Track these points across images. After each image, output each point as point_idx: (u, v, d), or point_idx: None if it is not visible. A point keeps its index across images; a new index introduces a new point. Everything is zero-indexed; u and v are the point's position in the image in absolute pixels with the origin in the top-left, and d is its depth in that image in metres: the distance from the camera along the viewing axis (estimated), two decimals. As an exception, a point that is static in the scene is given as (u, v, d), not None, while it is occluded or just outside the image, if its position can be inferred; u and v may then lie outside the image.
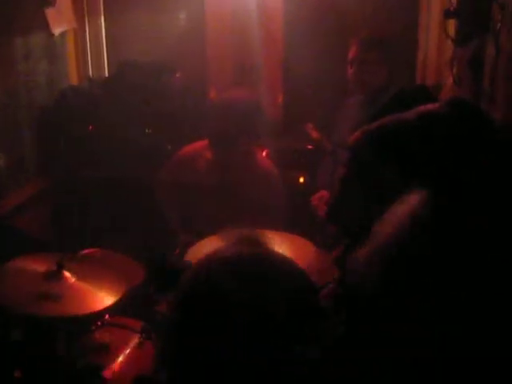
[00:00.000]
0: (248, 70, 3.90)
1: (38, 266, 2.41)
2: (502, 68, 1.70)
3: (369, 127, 1.00)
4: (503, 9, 1.76)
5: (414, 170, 0.82)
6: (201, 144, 3.34)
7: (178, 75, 3.92)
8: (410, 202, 0.84)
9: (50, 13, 3.70)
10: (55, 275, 2.35)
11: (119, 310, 2.55)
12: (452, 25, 2.67)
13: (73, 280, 2.37)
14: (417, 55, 3.81)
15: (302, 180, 3.75)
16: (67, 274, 2.37)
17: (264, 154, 3.69)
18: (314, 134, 3.68)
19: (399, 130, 0.84)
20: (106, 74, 4.21)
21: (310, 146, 3.73)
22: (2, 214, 3.20)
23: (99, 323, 2.52)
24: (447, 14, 2.40)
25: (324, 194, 3.22)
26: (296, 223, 3.22)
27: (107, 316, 2.54)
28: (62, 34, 3.91)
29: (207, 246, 2.54)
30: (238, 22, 3.88)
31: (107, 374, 2.30)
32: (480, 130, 0.83)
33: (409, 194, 0.85)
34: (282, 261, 1.21)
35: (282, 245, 2.47)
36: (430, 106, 0.87)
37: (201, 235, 2.80)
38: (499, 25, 1.77)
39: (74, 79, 4.12)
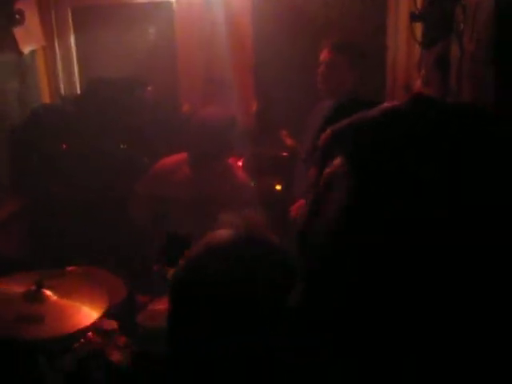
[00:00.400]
0: (219, 81, 3.91)
1: (16, 286, 2.39)
2: (466, 68, 1.73)
3: (336, 125, 1.01)
4: (465, 10, 1.79)
5: (377, 165, 0.83)
6: (178, 157, 3.34)
7: (149, 89, 3.93)
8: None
9: (18, 32, 3.69)
10: (35, 295, 2.33)
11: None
12: (419, 27, 2.71)
13: (54, 298, 2.34)
14: (386, 58, 3.86)
15: (278, 187, 3.76)
16: (47, 292, 2.35)
17: (240, 162, 3.71)
18: (289, 141, 3.71)
19: (363, 127, 0.86)
20: (78, 91, 4.20)
21: (284, 153, 3.75)
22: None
23: (82, 340, 2.50)
24: (413, 18, 2.43)
25: (302, 202, 3.25)
26: (273, 231, 3.23)
27: (90, 333, 2.53)
28: (32, 53, 3.90)
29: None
30: (207, 33, 3.90)
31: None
32: (445, 124, 0.84)
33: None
34: (268, 243, 1.25)
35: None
36: (394, 103, 0.89)
37: None
38: (462, 26, 1.80)
39: (45, 97, 4.11)
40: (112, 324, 2.47)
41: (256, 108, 4.07)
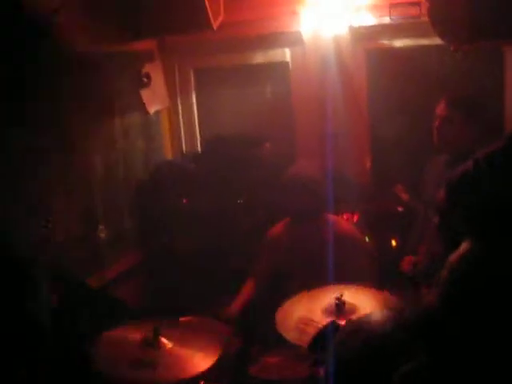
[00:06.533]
0: (335, 137, 3.94)
1: (133, 333, 2.49)
2: None
3: (449, 181, 1.00)
4: None
5: (475, 217, 0.82)
6: (283, 222, 3.40)
7: (267, 145, 4.03)
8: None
9: (145, 93, 3.94)
10: (151, 342, 2.42)
11: (214, 377, 2.57)
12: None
13: (169, 346, 2.42)
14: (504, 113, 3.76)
15: (394, 243, 3.71)
16: (163, 340, 2.44)
17: (354, 217, 3.70)
18: (404, 196, 3.66)
19: (464, 177, 0.85)
20: (198, 149, 4.39)
21: (400, 208, 3.70)
22: (102, 285, 3.35)
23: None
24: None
25: (411, 258, 3.21)
26: (386, 285, 3.18)
27: (202, 382, 2.57)
28: (157, 113, 4.14)
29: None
30: (322, 91, 3.96)
31: None
32: None
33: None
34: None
35: (370, 301, 2.49)
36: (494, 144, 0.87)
37: None
38: None
39: (168, 154, 4.32)
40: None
41: (371, 163, 4.06)
